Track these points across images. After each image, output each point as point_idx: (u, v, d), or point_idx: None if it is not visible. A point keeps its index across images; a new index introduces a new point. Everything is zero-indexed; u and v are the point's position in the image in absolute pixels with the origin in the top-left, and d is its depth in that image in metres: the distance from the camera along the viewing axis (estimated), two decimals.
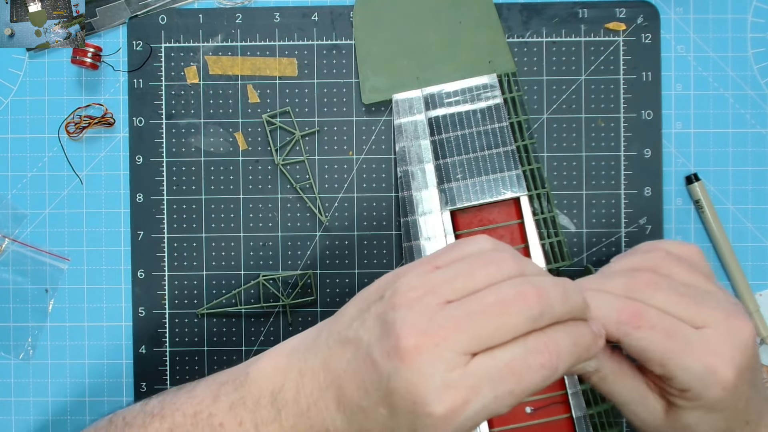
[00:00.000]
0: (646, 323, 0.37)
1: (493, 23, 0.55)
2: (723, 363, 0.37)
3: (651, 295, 0.38)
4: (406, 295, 0.34)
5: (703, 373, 0.37)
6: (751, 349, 0.38)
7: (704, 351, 0.37)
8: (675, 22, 0.55)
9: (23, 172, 0.56)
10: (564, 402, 0.52)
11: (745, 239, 0.55)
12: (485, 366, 0.32)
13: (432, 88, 0.55)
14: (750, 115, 0.55)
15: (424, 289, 0.34)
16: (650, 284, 0.38)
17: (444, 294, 0.34)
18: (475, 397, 0.32)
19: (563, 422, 0.52)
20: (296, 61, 0.55)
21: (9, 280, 0.56)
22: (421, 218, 0.54)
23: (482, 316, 0.33)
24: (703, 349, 0.37)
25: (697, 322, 0.38)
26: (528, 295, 0.33)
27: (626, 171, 0.55)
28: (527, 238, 0.53)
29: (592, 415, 0.52)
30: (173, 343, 0.55)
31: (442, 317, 0.33)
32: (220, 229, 0.55)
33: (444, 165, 0.54)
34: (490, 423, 0.52)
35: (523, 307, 0.33)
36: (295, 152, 0.55)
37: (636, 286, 0.38)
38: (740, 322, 0.38)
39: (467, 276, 0.34)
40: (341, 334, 0.36)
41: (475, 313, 0.33)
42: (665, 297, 0.38)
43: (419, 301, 0.34)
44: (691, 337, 0.37)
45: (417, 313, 0.33)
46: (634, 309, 0.37)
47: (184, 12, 0.56)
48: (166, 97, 0.56)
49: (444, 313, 0.33)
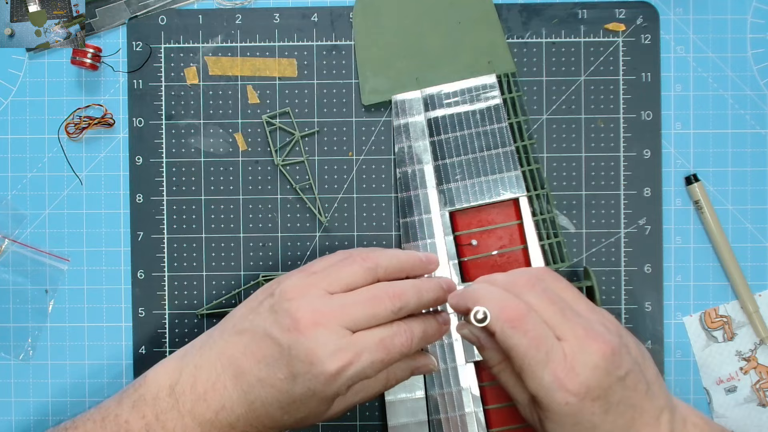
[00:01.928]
0: (521, 326, 0.40)
1: (493, 23, 0.55)
2: (569, 378, 0.39)
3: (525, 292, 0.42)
4: (294, 290, 0.43)
5: (549, 385, 0.39)
6: (603, 369, 0.39)
7: (557, 364, 0.39)
8: (674, 22, 0.55)
9: (23, 172, 0.56)
10: None
11: (745, 240, 0.55)
12: (365, 339, 0.42)
13: (431, 89, 0.55)
14: (749, 116, 0.55)
15: (306, 285, 0.43)
16: (527, 284, 0.42)
17: (324, 287, 0.43)
18: (357, 360, 0.42)
19: None
20: (296, 61, 0.55)
21: (9, 280, 0.56)
22: (420, 219, 0.54)
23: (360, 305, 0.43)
24: (557, 361, 0.40)
25: (557, 331, 0.41)
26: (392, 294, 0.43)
27: (626, 171, 0.55)
28: (526, 239, 0.53)
29: None
30: (173, 343, 0.55)
31: (330, 302, 0.43)
32: (219, 229, 0.55)
33: (443, 166, 0.54)
34: (489, 423, 0.52)
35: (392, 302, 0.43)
36: (294, 153, 0.56)
37: (515, 282, 0.43)
38: (596, 344, 0.40)
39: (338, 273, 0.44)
40: (236, 327, 0.44)
41: (356, 302, 0.43)
42: (537, 299, 0.41)
43: (306, 293, 0.43)
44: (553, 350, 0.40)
45: (308, 300, 0.43)
46: (517, 309, 0.41)
47: (184, 13, 0.56)
48: (166, 97, 0.56)
49: (331, 300, 0.43)
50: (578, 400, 0.39)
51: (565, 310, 0.41)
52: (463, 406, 0.52)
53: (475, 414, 0.52)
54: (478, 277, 0.46)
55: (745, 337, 0.55)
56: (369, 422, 0.55)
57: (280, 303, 0.43)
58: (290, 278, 0.45)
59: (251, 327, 0.44)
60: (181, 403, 0.43)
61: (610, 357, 0.40)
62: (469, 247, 0.54)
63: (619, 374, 0.40)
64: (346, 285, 0.44)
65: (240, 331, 0.44)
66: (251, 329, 0.44)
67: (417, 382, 0.53)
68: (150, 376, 0.45)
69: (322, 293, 0.43)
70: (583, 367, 0.39)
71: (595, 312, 0.43)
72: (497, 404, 0.53)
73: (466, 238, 0.54)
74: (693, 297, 0.55)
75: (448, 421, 0.52)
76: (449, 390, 0.53)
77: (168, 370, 0.45)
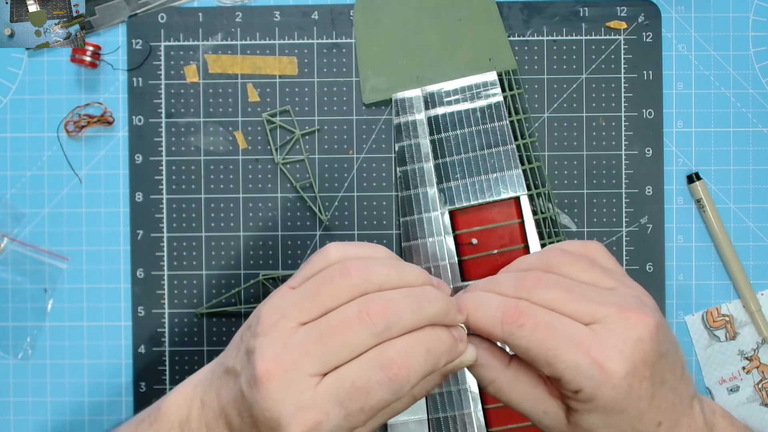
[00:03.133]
0: (529, 321, 0.36)
1: (494, 20, 0.55)
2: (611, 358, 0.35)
3: (538, 293, 0.37)
4: (266, 321, 0.36)
5: (589, 370, 0.35)
6: (648, 343, 0.36)
7: (591, 346, 0.35)
8: (676, 20, 0.55)
9: (22, 171, 0.56)
10: None
11: (747, 238, 0.55)
12: (333, 387, 0.34)
13: (432, 87, 0.55)
14: (751, 114, 0.55)
15: (279, 313, 0.35)
16: (537, 282, 0.37)
17: (296, 317, 0.35)
18: (326, 418, 0.33)
19: None
20: (296, 59, 0.55)
21: (8, 279, 0.55)
22: (421, 218, 0.54)
23: (328, 337, 0.34)
24: (590, 344, 0.36)
25: (585, 318, 0.37)
26: (371, 311, 0.34)
27: (627, 170, 0.55)
28: (527, 238, 0.53)
29: None
30: (173, 342, 0.55)
31: (293, 342, 0.34)
32: (219, 228, 0.55)
33: (443, 164, 0.54)
34: (489, 423, 0.52)
35: (364, 324, 0.34)
36: (295, 151, 0.55)
37: (523, 285, 0.38)
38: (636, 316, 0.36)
39: (314, 296, 0.35)
40: (225, 365, 0.38)
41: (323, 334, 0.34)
42: (552, 294, 0.37)
43: (275, 327, 0.35)
44: (577, 334, 0.36)
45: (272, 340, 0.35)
46: (516, 307, 0.36)
47: (184, 10, 0.55)
48: (166, 95, 0.55)
49: (295, 338, 0.34)
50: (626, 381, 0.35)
51: (587, 293, 0.37)
52: (462, 405, 0.52)
53: (475, 413, 0.52)
54: (478, 276, 0.45)
55: (748, 337, 0.55)
56: None
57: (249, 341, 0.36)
58: (271, 299, 0.38)
59: (233, 368, 0.38)
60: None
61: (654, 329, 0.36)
62: (470, 246, 0.54)
63: (662, 350, 0.37)
64: (323, 308, 0.35)
65: (227, 371, 0.38)
66: (233, 371, 0.38)
67: None
68: (163, 409, 0.41)
69: (292, 326, 0.35)
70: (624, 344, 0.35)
71: (628, 285, 0.39)
72: (497, 404, 0.52)
73: (467, 237, 0.54)
74: (695, 296, 0.55)
75: (448, 420, 0.52)
76: (449, 389, 0.52)
77: (179, 402, 0.41)
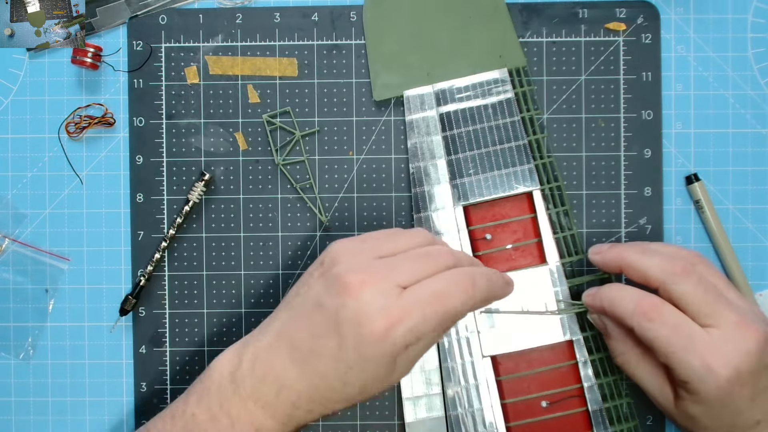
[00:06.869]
0: (659, 317, 0.43)
1: (503, 17, 0.55)
2: (720, 363, 0.42)
3: (681, 281, 0.43)
4: (344, 255, 0.42)
5: (699, 369, 0.42)
6: (755, 355, 0.42)
7: (705, 349, 0.42)
8: (675, 22, 0.55)
9: (23, 172, 0.56)
10: (580, 396, 0.52)
11: (745, 239, 0.55)
12: (415, 293, 0.40)
13: (443, 84, 0.55)
14: (750, 115, 0.55)
15: (357, 250, 0.42)
16: (684, 271, 0.43)
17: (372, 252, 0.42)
18: (408, 316, 0.39)
19: (579, 416, 0.52)
20: (296, 61, 0.55)
21: (9, 280, 0.56)
22: (434, 214, 0.54)
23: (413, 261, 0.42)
24: (704, 347, 0.42)
25: (709, 319, 0.43)
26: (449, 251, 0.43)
27: (626, 171, 0.55)
28: (540, 233, 0.53)
29: (608, 408, 0.52)
30: (173, 343, 0.55)
31: (378, 263, 0.41)
32: (220, 229, 0.55)
33: (456, 160, 0.54)
34: (507, 418, 0.52)
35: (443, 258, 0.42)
36: (295, 152, 0.55)
37: (672, 269, 0.44)
38: (750, 329, 0.42)
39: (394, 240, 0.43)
40: (289, 304, 0.43)
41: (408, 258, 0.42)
42: (693, 287, 0.43)
43: (356, 256, 0.42)
44: (696, 335, 0.42)
45: (357, 262, 0.41)
46: (651, 303, 0.43)
47: (185, 12, 0.56)
48: (167, 97, 0.56)
49: (379, 261, 0.42)
50: (729, 384, 0.42)
51: (719, 298, 0.43)
52: (480, 400, 0.52)
53: (493, 408, 0.52)
54: None
55: None
56: (384, 421, 0.55)
57: (329, 269, 0.42)
58: (341, 243, 0.43)
59: (302, 300, 0.43)
60: (242, 389, 0.42)
61: (763, 343, 0.42)
62: (484, 242, 0.54)
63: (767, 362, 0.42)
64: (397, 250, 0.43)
65: (292, 306, 0.43)
66: (302, 302, 0.42)
67: (433, 378, 0.53)
68: (213, 367, 0.44)
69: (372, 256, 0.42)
70: (735, 353, 0.42)
71: (744, 300, 0.45)
72: (514, 398, 0.52)
73: (480, 232, 0.54)
74: None
75: (466, 416, 0.52)
76: (466, 385, 0.52)
77: (229, 357, 0.44)
